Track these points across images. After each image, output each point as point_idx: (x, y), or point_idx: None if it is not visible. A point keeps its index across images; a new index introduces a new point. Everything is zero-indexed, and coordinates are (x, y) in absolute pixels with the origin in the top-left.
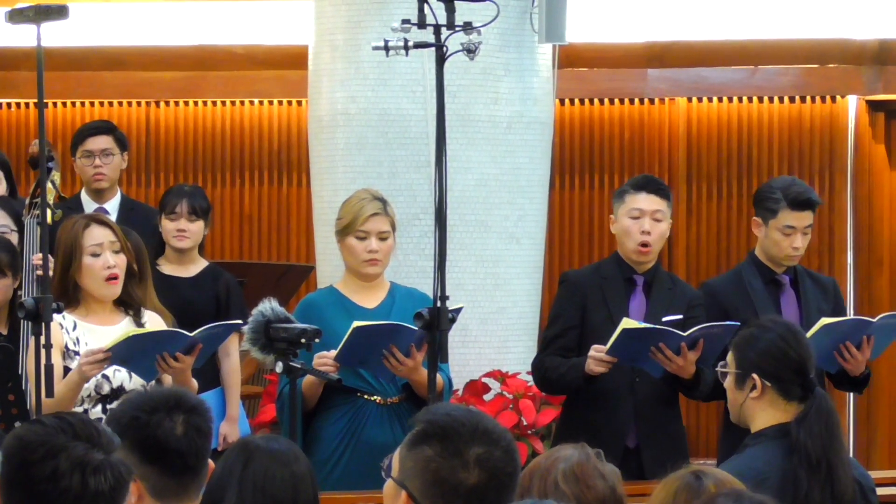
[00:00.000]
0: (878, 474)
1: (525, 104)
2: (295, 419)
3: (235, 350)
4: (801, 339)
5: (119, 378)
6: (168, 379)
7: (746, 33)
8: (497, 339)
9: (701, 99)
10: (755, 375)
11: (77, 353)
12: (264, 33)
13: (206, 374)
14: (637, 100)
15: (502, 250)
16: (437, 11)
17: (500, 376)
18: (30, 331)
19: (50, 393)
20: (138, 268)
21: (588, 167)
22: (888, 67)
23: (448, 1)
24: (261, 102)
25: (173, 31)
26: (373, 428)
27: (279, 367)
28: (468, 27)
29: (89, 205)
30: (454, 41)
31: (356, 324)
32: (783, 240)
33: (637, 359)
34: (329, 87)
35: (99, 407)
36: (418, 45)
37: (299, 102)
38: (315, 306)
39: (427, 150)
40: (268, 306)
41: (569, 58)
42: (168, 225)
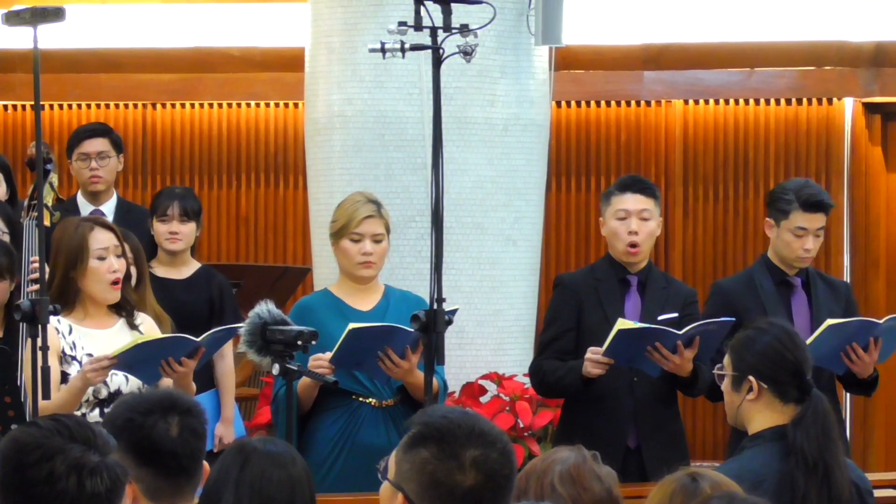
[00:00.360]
0: (875, 476)
1: (521, 106)
2: (291, 421)
3: (230, 352)
4: (798, 342)
5: (116, 382)
6: (168, 382)
7: (743, 35)
8: (493, 341)
9: (697, 101)
10: (751, 378)
11: (74, 358)
12: (261, 35)
13: (201, 376)
14: (633, 102)
15: (499, 252)
16: (434, 13)
17: (497, 378)
18: (26, 333)
19: (46, 395)
20: (137, 270)
21: (584, 169)
22: (884, 70)
23: (444, 3)
24: (257, 105)
25: (170, 34)
26: (368, 430)
27: (276, 370)
28: (465, 29)
29: (85, 207)
30: (451, 43)
31: (352, 326)
32: (794, 241)
33: (634, 359)
34: (325, 90)
35: (97, 411)
36: (415, 48)
37: (296, 105)
38: (309, 309)
39: (423, 153)
40: (264, 308)
41: (565, 60)
42: (160, 228)
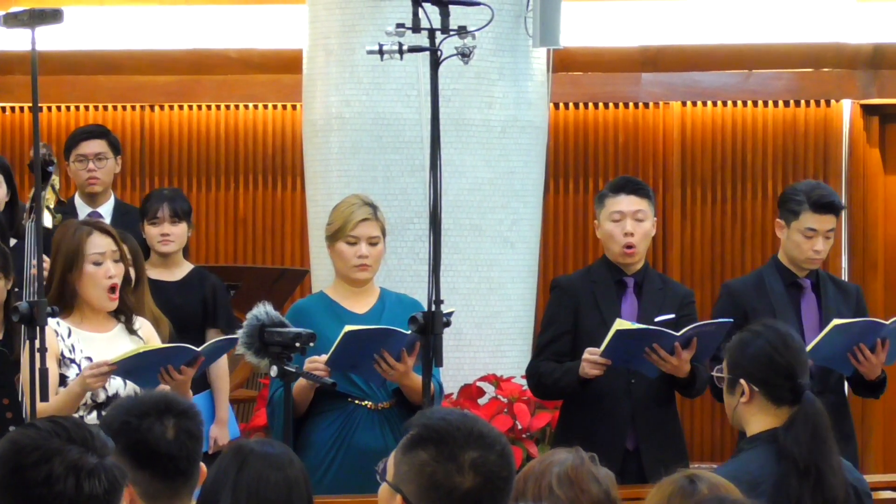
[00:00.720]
0: (873, 478)
1: (519, 108)
2: (289, 423)
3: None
4: (791, 344)
5: (114, 385)
6: (165, 388)
7: (741, 37)
8: (491, 343)
9: (695, 103)
10: (743, 381)
11: (73, 361)
12: (259, 37)
13: (195, 378)
14: (631, 104)
15: (496, 254)
16: (432, 15)
17: (495, 380)
18: (25, 335)
19: (44, 397)
20: (135, 272)
21: (582, 171)
22: (882, 72)
23: (442, 5)
24: (255, 106)
25: (168, 35)
26: (364, 433)
27: (274, 371)
28: (463, 31)
29: (83, 209)
30: (448, 45)
31: (348, 328)
32: (804, 242)
33: (632, 360)
34: (323, 91)
35: (94, 414)
36: (413, 49)
37: (294, 106)
38: (305, 312)
39: (421, 154)
40: (262, 310)
41: (563, 62)
42: (151, 231)
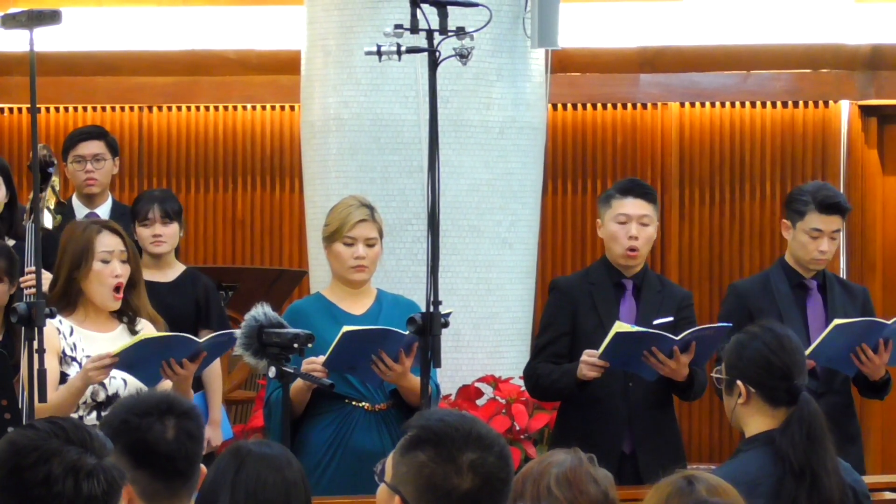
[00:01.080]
0: (871, 479)
1: (517, 109)
2: (286, 424)
3: None
4: (788, 346)
5: (115, 385)
6: (167, 385)
7: (739, 38)
8: (490, 344)
9: (693, 104)
10: (740, 382)
11: (74, 359)
12: (257, 38)
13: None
14: (629, 105)
15: (495, 255)
16: (430, 16)
17: (493, 381)
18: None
19: (43, 398)
20: (136, 275)
21: (580, 172)
22: (880, 72)
23: (441, 6)
24: (253, 107)
25: (166, 37)
26: (361, 434)
27: (272, 372)
28: (461, 32)
29: (80, 210)
30: (447, 46)
31: (346, 329)
32: (809, 242)
33: (630, 363)
34: (322, 93)
35: (94, 414)
36: (411, 50)
37: (292, 107)
38: (302, 313)
39: (420, 156)
40: (260, 311)
41: (561, 63)
42: (143, 232)
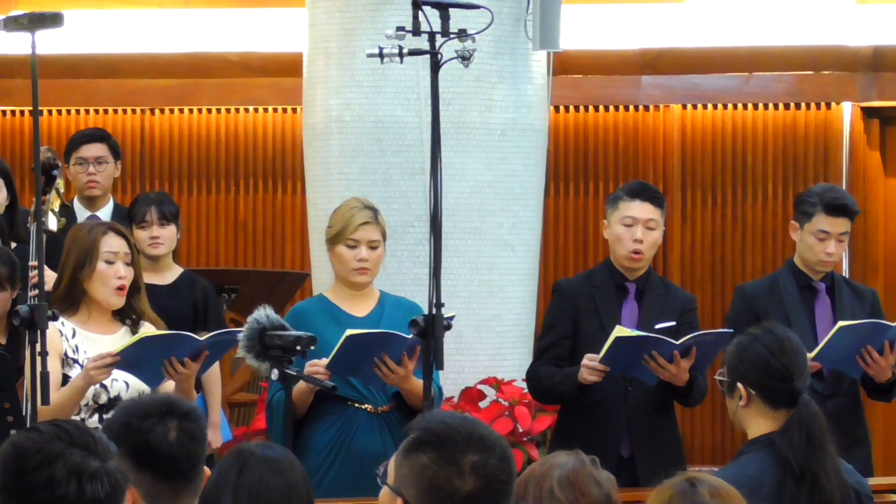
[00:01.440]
0: (874, 481)
1: (519, 111)
2: (289, 427)
3: None
4: (787, 348)
5: (116, 388)
6: (170, 386)
7: (740, 40)
8: (492, 347)
9: (695, 106)
10: (740, 385)
11: (76, 361)
12: (258, 41)
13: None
14: (631, 107)
15: (497, 257)
16: (432, 18)
17: (496, 383)
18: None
19: (45, 400)
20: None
21: (582, 174)
22: (882, 74)
23: (442, 8)
24: (255, 110)
25: (167, 39)
26: (363, 436)
27: (274, 375)
28: (462, 34)
29: (82, 212)
30: (448, 48)
31: (349, 332)
32: (817, 244)
33: (630, 367)
34: (323, 95)
35: (96, 417)
36: (413, 53)
37: (294, 110)
38: (304, 315)
39: (421, 158)
40: (262, 314)
41: (563, 65)
42: (140, 234)
